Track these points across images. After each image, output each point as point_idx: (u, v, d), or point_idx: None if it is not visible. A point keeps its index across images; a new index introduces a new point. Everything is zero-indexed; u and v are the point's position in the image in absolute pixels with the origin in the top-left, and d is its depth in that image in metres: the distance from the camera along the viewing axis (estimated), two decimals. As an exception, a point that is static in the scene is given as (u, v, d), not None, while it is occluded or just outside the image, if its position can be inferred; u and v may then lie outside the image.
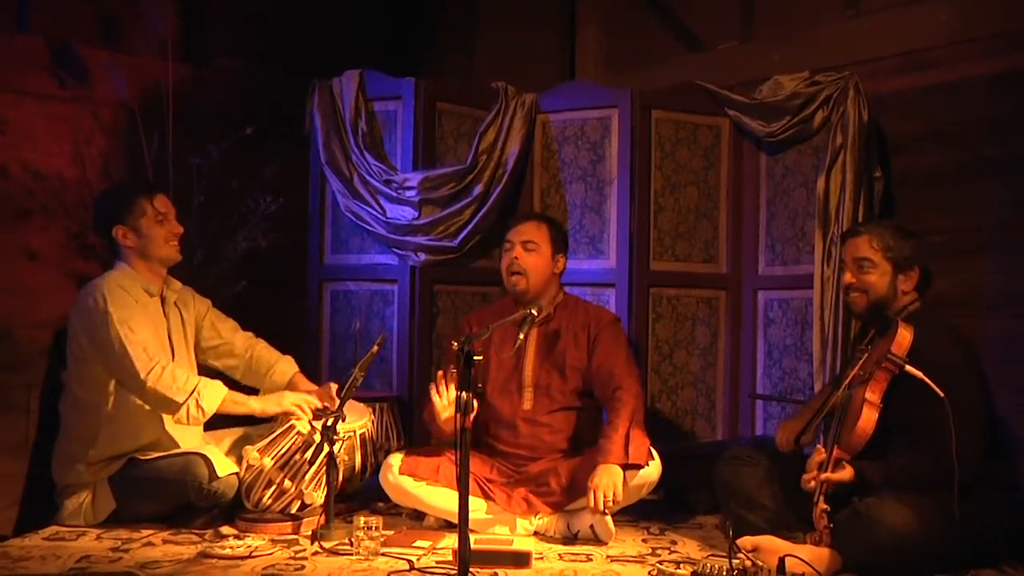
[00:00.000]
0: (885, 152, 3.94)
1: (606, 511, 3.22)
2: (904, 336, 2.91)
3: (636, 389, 3.48)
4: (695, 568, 2.88)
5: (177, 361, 3.52)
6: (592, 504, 3.19)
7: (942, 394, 2.73)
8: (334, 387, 3.55)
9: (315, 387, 3.70)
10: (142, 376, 3.30)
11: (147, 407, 3.40)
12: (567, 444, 3.58)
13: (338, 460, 3.36)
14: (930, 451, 2.81)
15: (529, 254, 3.60)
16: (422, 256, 4.21)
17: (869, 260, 3.13)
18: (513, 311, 3.58)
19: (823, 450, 2.93)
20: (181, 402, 3.31)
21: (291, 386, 3.72)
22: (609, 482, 3.21)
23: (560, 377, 3.60)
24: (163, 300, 3.59)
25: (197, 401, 3.32)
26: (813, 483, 2.88)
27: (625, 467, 3.28)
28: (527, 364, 3.62)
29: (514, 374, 3.63)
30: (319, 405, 3.49)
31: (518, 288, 3.61)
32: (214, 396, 3.36)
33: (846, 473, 2.87)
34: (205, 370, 3.71)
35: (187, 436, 3.53)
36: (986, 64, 3.68)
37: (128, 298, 3.42)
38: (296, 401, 3.48)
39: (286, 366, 3.77)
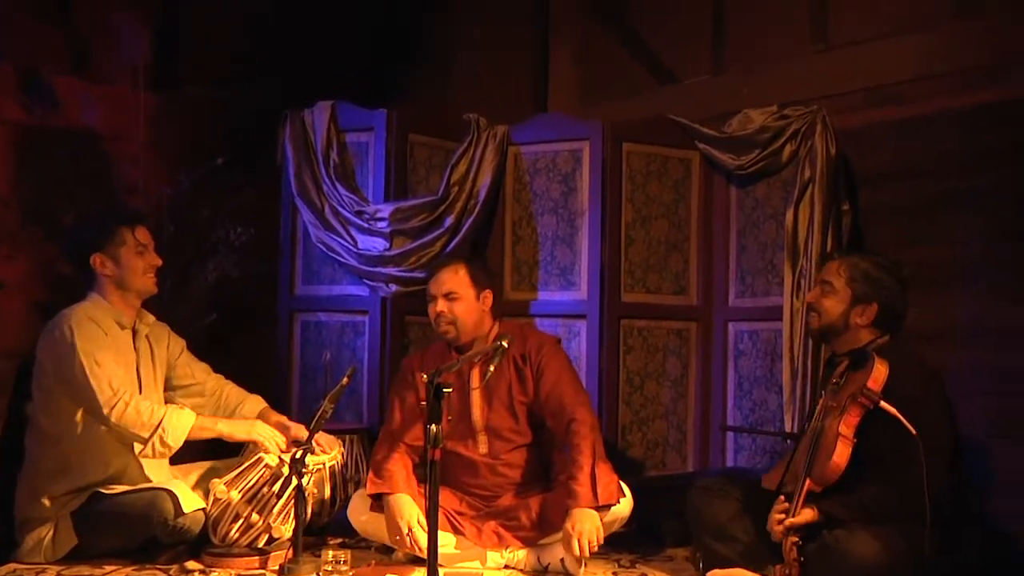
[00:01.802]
0: (853, 186, 3.98)
1: (587, 558, 3.21)
2: (880, 371, 2.90)
3: (591, 419, 3.44)
4: (665, 602, 2.86)
5: (144, 395, 3.47)
6: (577, 552, 3.16)
7: (914, 432, 2.73)
8: (301, 427, 3.52)
9: (284, 418, 3.66)
10: (105, 412, 3.27)
11: (114, 438, 3.36)
12: (530, 477, 3.56)
13: (307, 493, 3.32)
14: (901, 486, 2.81)
15: (453, 304, 3.53)
16: (393, 287, 4.20)
17: (830, 285, 3.14)
18: (452, 354, 3.55)
19: (784, 502, 2.93)
20: (146, 437, 3.28)
21: (261, 417, 3.67)
22: (591, 528, 3.18)
23: (511, 416, 3.55)
24: (135, 333, 3.54)
25: (162, 437, 3.29)
26: (780, 530, 2.88)
27: (597, 508, 3.26)
28: (475, 408, 3.56)
29: (464, 417, 3.57)
30: (283, 446, 3.44)
31: (449, 337, 3.56)
32: (180, 428, 3.32)
33: (809, 514, 2.86)
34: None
35: (154, 469, 3.48)
36: (953, 99, 3.72)
37: (97, 330, 3.37)
38: (265, 434, 3.45)
39: (254, 403, 3.72)
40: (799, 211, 3.91)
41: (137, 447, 3.36)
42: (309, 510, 3.38)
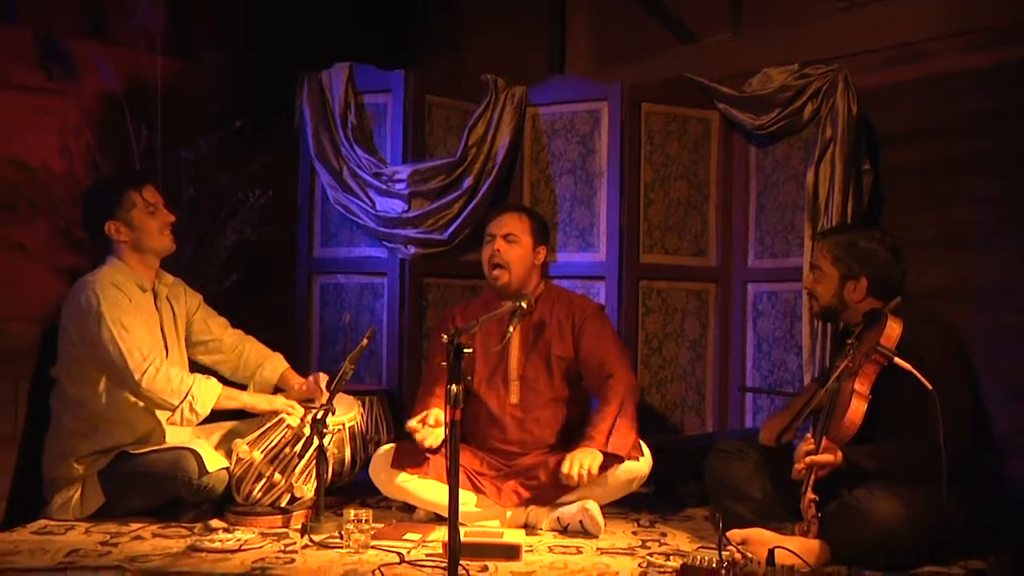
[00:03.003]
0: (874, 145, 3.95)
1: (576, 484, 3.24)
2: (893, 328, 2.92)
3: (628, 378, 3.48)
4: (685, 560, 2.87)
5: (170, 356, 3.51)
6: (566, 470, 3.21)
7: (930, 387, 2.73)
8: (324, 377, 3.55)
9: (304, 380, 3.68)
10: (136, 377, 3.29)
11: (140, 404, 3.40)
12: (556, 438, 3.58)
13: (328, 453, 3.35)
14: (918, 443, 2.82)
15: (511, 246, 3.58)
16: (412, 249, 4.21)
17: (819, 268, 3.16)
18: (498, 303, 3.57)
19: (811, 439, 2.94)
20: (176, 404, 3.31)
21: (282, 380, 3.70)
22: (590, 460, 3.23)
23: (546, 369, 3.59)
24: (155, 294, 3.57)
25: (191, 404, 3.32)
26: (802, 467, 2.88)
27: (605, 455, 3.28)
28: (512, 357, 3.61)
29: (500, 367, 3.62)
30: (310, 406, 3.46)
31: (500, 281, 3.59)
32: (208, 397, 3.35)
33: (833, 456, 2.86)
34: (194, 366, 3.69)
35: (178, 430, 3.51)
36: (975, 57, 3.68)
37: (121, 296, 3.39)
38: (288, 404, 3.47)
39: (276, 362, 3.75)
40: (820, 171, 3.89)
41: (163, 414, 3.39)
42: (330, 470, 3.42)
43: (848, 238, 3.15)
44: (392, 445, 3.55)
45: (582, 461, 3.23)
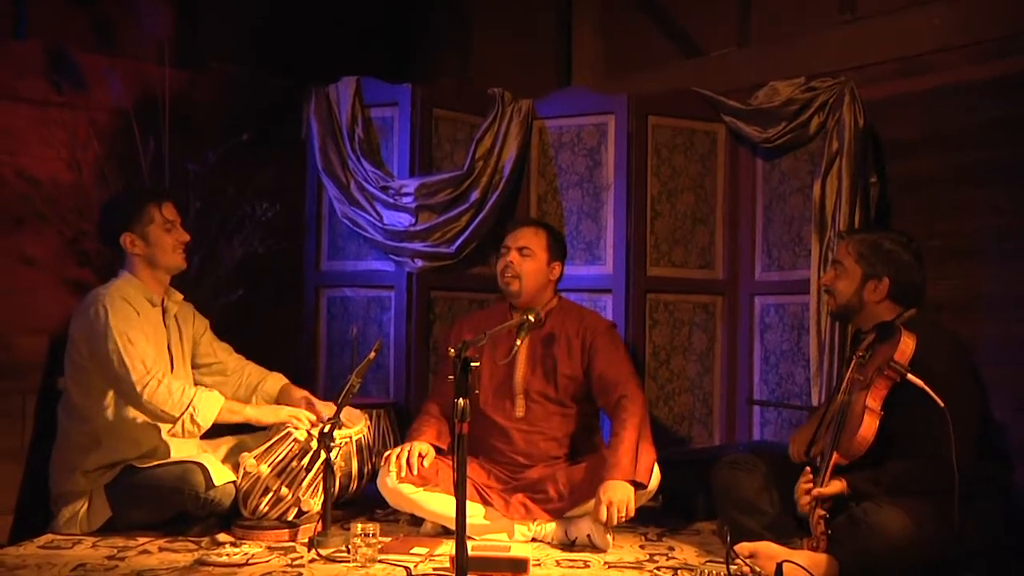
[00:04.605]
0: (881, 157, 3.95)
1: (613, 526, 3.22)
2: (907, 344, 2.89)
3: (642, 398, 3.47)
4: (693, 574, 2.87)
5: (175, 372, 3.52)
6: (604, 519, 3.18)
7: (942, 404, 2.72)
8: (331, 407, 3.55)
9: (308, 393, 3.69)
10: (138, 390, 3.30)
11: (145, 419, 3.40)
12: (563, 450, 3.58)
13: (335, 467, 3.35)
14: (929, 459, 2.80)
15: (524, 259, 3.58)
16: (419, 262, 4.21)
17: (841, 264, 3.14)
18: (507, 316, 3.57)
19: (810, 473, 2.92)
20: (177, 416, 3.32)
21: (282, 394, 3.71)
22: (623, 498, 3.19)
23: (552, 385, 3.58)
24: (164, 310, 3.58)
25: (192, 416, 3.32)
26: (807, 501, 2.87)
27: (633, 483, 3.26)
28: (518, 372, 3.60)
29: (506, 381, 3.61)
30: (314, 419, 3.46)
31: (511, 288, 3.59)
32: (210, 409, 3.36)
33: (838, 485, 2.85)
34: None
35: (184, 444, 3.52)
36: (981, 69, 3.68)
37: (130, 309, 3.41)
38: (293, 413, 3.48)
39: (276, 378, 3.76)
40: (827, 183, 3.89)
41: (166, 426, 3.40)
42: (337, 484, 3.41)
43: (874, 238, 3.14)
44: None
45: (619, 506, 3.17)
